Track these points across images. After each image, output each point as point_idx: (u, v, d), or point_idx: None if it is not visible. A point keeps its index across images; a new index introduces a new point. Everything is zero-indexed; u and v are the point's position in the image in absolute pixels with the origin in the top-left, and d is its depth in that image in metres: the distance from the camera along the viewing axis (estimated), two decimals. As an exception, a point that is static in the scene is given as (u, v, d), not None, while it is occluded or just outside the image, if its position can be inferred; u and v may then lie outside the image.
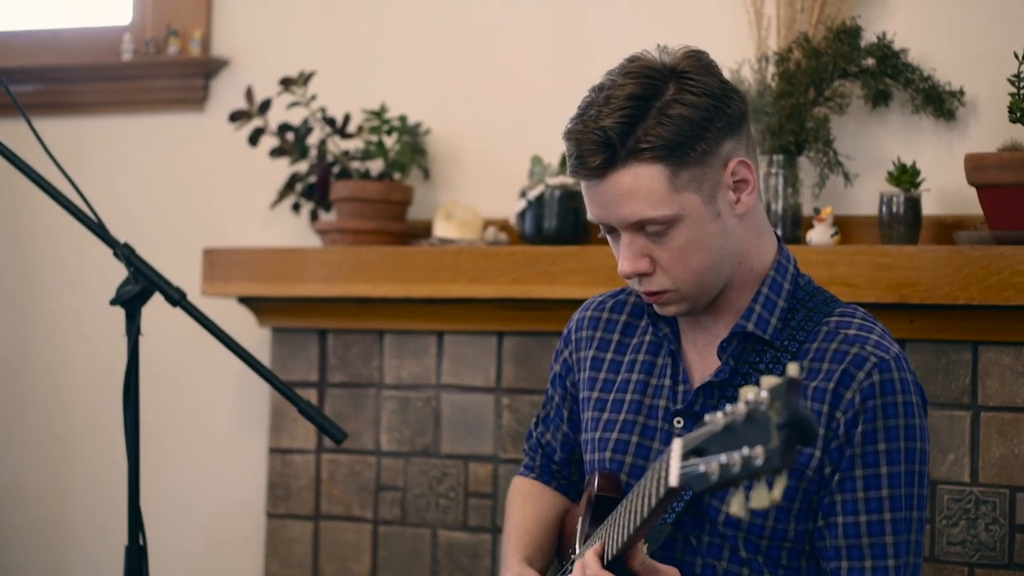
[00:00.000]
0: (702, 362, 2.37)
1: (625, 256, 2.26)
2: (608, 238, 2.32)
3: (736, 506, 1.65)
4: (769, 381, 1.61)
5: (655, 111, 2.19)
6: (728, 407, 1.68)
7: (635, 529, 2.00)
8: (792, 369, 1.61)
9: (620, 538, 2.07)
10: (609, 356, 2.49)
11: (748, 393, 1.63)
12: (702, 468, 1.71)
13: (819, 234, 3.21)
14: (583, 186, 2.27)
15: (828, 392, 2.24)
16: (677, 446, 1.79)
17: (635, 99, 2.19)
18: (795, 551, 2.28)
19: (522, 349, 3.56)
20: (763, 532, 2.26)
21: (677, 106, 2.19)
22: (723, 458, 1.66)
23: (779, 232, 3.26)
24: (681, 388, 2.36)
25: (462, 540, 3.63)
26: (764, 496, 1.62)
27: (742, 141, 2.27)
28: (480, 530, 3.60)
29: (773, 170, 3.30)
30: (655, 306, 2.32)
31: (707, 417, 1.76)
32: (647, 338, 2.45)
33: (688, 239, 2.23)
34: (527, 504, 2.64)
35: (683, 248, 2.23)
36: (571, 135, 2.24)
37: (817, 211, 3.27)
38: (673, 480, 1.79)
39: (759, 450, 1.60)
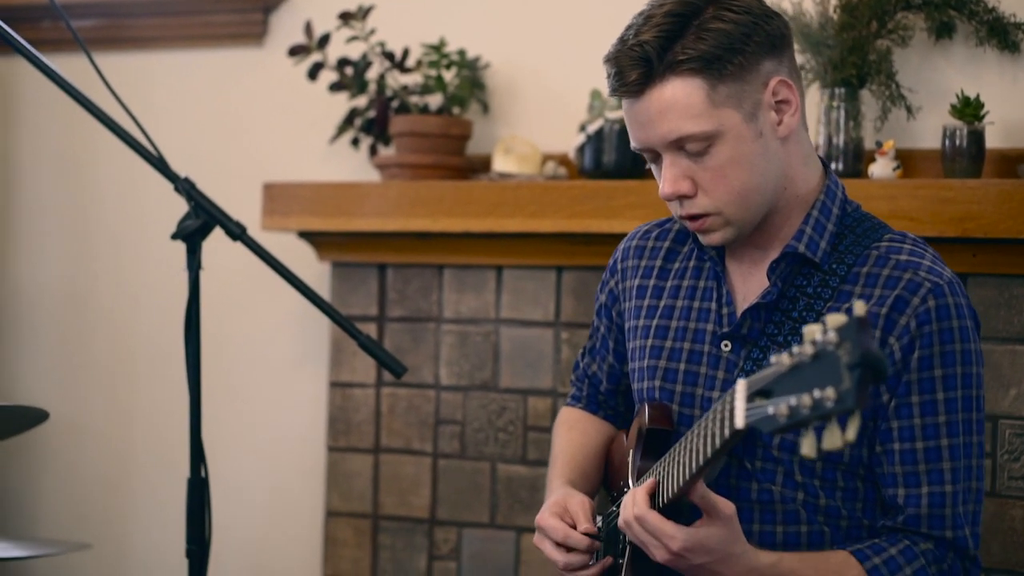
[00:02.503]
0: (746, 285, 2.36)
1: (666, 178, 2.26)
2: (652, 168, 2.32)
3: (807, 447, 1.65)
4: (835, 320, 1.59)
5: (694, 28, 2.20)
6: (795, 348, 1.66)
7: (697, 468, 2.00)
8: (859, 308, 1.60)
9: (681, 477, 2.07)
10: (653, 283, 2.49)
11: (814, 333, 1.62)
12: (770, 410, 1.70)
13: (881, 168, 3.19)
14: (624, 109, 2.29)
15: (881, 317, 2.23)
16: (741, 387, 1.78)
17: (674, 16, 2.21)
18: (850, 473, 2.28)
19: (581, 283, 3.56)
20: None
21: (715, 22, 2.20)
22: (792, 400, 1.65)
23: (840, 166, 3.25)
24: (726, 311, 2.36)
25: (521, 474, 3.64)
26: (837, 437, 1.61)
27: (784, 63, 2.27)
28: (539, 464, 3.61)
29: (835, 103, 3.27)
30: (700, 236, 2.31)
31: (772, 358, 1.75)
32: (690, 263, 2.45)
33: (729, 157, 2.22)
34: (572, 432, 2.65)
35: (724, 167, 2.22)
36: (610, 56, 2.28)
37: (879, 145, 3.24)
38: (739, 422, 1.79)
39: (830, 391, 1.59)
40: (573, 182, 3.52)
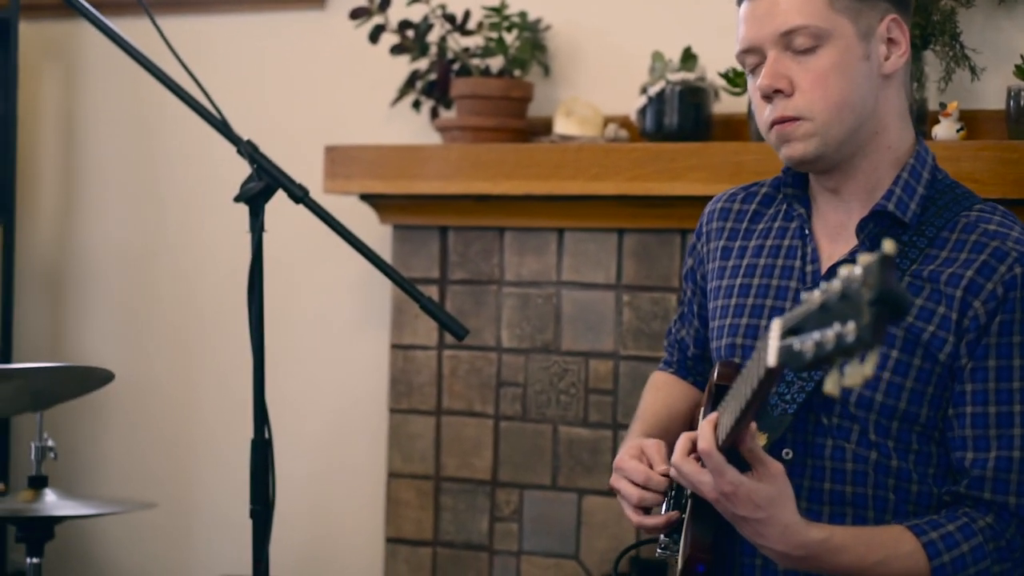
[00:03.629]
0: (832, 244, 2.36)
1: (766, 72, 2.27)
2: (749, 82, 2.33)
3: (831, 384, 1.64)
4: (865, 258, 1.59)
5: None
6: (824, 284, 1.67)
7: (740, 412, 1.99)
8: (887, 246, 1.59)
9: (728, 423, 2.07)
10: (737, 244, 2.49)
11: (844, 270, 1.62)
12: (797, 346, 1.70)
13: (945, 129, 3.17)
14: (743, 10, 2.32)
15: (964, 279, 2.23)
16: (776, 326, 1.77)
17: None
18: (925, 435, 2.27)
19: (642, 246, 3.56)
20: (894, 414, 2.25)
21: None
22: (817, 335, 1.65)
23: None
24: (810, 268, 2.36)
25: (582, 436, 3.65)
26: (857, 372, 1.61)
27: (903, 9, 2.32)
28: (600, 426, 3.61)
29: (898, 65, 3.25)
30: (783, 148, 2.31)
31: (803, 295, 1.75)
32: (776, 224, 2.45)
33: (833, 63, 2.25)
34: (659, 392, 2.66)
35: (827, 71, 2.25)
36: None
37: (943, 106, 3.22)
38: (771, 360, 1.78)
39: (851, 326, 1.59)
40: (635, 144, 3.51)
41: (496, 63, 3.77)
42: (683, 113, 3.47)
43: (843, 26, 2.24)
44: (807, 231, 2.39)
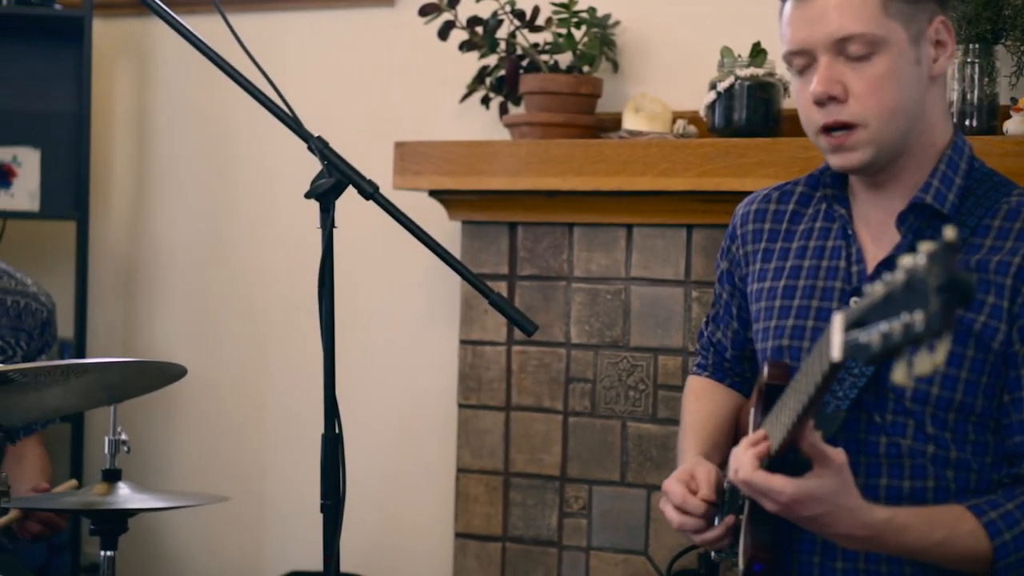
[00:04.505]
0: (875, 242, 2.36)
1: (820, 77, 2.26)
2: (796, 84, 2.32)
3: (900, 374, 1.64)
4: (927, 246, 1.59)
5: None
6: (887, 276, 1.66)
7: (803, 409, 1.99)
8: (948, 232, 1.59)
9: (788, 420, 2.06)
10: (778, 245, 2.49)
11: (906, 260, 1.62)
12: (863, 339, 1.69)
13: (1016, 124, 3.15)
14: (789, 10, 2.31)
15: (1013, 266, 2.23)
16: (838, 320, 1.77)
17: None
18: (981, 425, 2.27)
19: (712, 242, 3.55)
20: (950, 406, 2.25)
21: None
22: (883, 326, 1.64)
23: (974, 122, 3.21)
24: (855, 268, 2.36)
25: (651, 432, 3.64)
26: (927, 361, 1.60)
27: (948, 9, 2.32)
28: (669, 422, 3.61)
29: (969, 59, 3.23)
30: (835, 157, 2.31)
31: (865, 288, 1.75)
32: (817, 224, 2.45)
33: (887, 69, 2.24)
34: (701, 402, 2.66)
35: (881, 78, 2.24)
36: None
37: (1014, 101, 3.19)
38: (835, 353, 1.77)
39: (919, 315, 1.58)
40: (703, 140, 3.51)
41: (565, 59, 3.78)
42: (752, 108, 3.46)
43: (896, 32, 2.24)
44: (850, 231, 2.39)
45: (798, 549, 2.33)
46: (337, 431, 2.47)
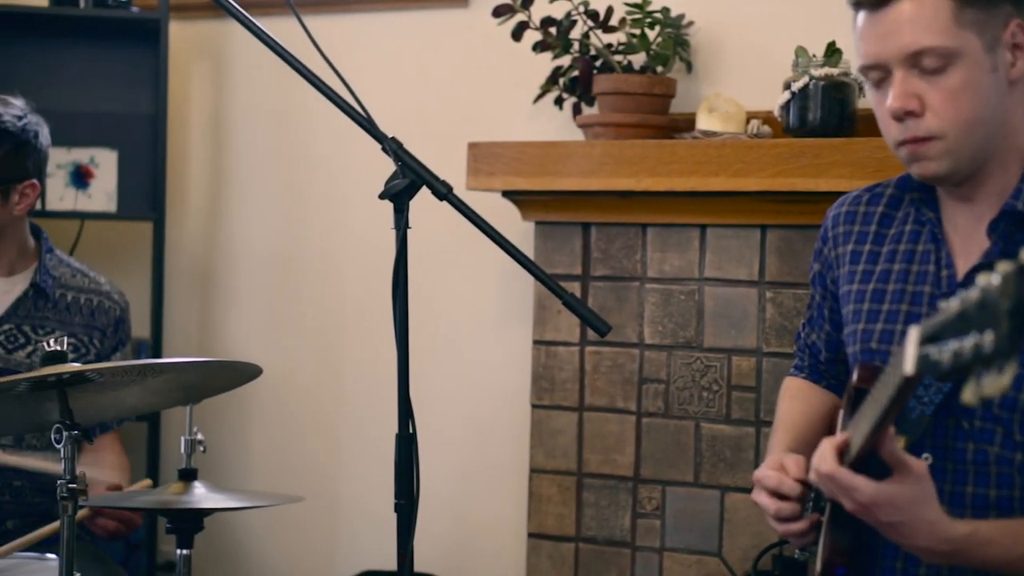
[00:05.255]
0: (964, 246, 2.34)
1: (896, 93, 2.24)
2: (872, 95, 2.30)
3: (969, 393, 1.62)
4: (1003, 266, 1.57)
5: None
6: (961, 292, 1.65)
7: (878, 419, 1.98)
8: None
9: (866, 428, 2.05)
10: (867, 248, 2.47)
11: (982, 278, 1.60)
12: (935, 355, 1.68)
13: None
14: (861, 22, 2.28)
15: None
16: (914, 333, 1.76)
17: None
18: None
19: (786, 242, 3.53)
20: None
21: None
22: (955, 344, 1.63)
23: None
24: (945, 273, 2.33)
25: (725, 433, 3.63)
26: (995, 383, 1.59)
27: (1022, 10, 2.26)
28: (743, 423, 3.60)
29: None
30: (914, 167, 2.29)
31: (940, 304, 1.73)
32: (907, 227, 2.43)
33: (963, 80, 2.21)
34: (794, 401, 2.64)
35: (957, 90, 2.21)
36: None
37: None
38: (908, 368, 1.76)
39: (989, 336, 1.56)
40: (778, 140, 3.49)
41: (638, 59, 3.77)
42: (827, 108, 3.44)
43: (970, 42, 2.20)
44: (939, 235, 2.36)
45: (881, 554, 2.31)
46: (411, 431, 2.48)
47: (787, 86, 3.50)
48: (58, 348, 2.53)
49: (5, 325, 3.52)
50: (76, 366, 2.50)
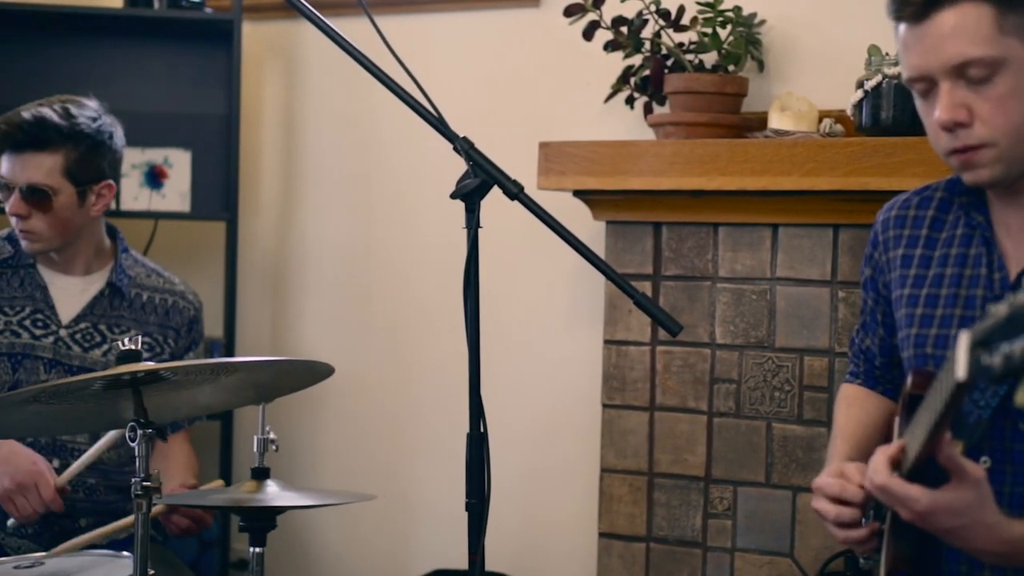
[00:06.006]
0: (1017, 249, 2.32)
1: (944, 105, 2.22)
2: (920, 105, 2.29)
3: (1022, 395, 1.62)
4: None
5: None
6: (1011, 296, 1.64)
7: (933, 425, 1.97)
8: None
9: (922, 435, 2.04)
10: (919, 252, 2.45)
11: None
12: (986, 360, 1.67)
13: None
14: (903, 34, 2.26)
15: None
16: (964, 339, 1.75)
17: None
18: None
19: (859, 242, 3.51)
20: None
21: None
22: (1005, 348, 1.62)
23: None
24: (997, 276, 2.32)
25: (797, 433, 3.62)
26: None
27: None
28: (815, 423, 3.58)
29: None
30: (966, 174, 2.27)
31: (990, 308, 1.72)
32: (958, 231, 2.41)
33: (1011, 87, 2.19)
34: (851, 409, 2.63)
35: (1005, 97, 2.19)
36: None
37: None
38: (960, 374, 1.76)
39: None
40: (850, 139, 3.47)
41: (710, 58, 3.76)
42: (900, 107, 3.42)
43: (1015, 48, 2.18)
44: (990, 238, 2.34)
45: (945, 559, 2.30)
46: (482, 430, 2.48)
47: (860, 84, 3.48)
48: (133, 347, 2.55)
49: (81, 324, 3.55)
50: (151, 365, 2.52)
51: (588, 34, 3.81)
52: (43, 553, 3.06)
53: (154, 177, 4.43)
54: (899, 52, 2.29)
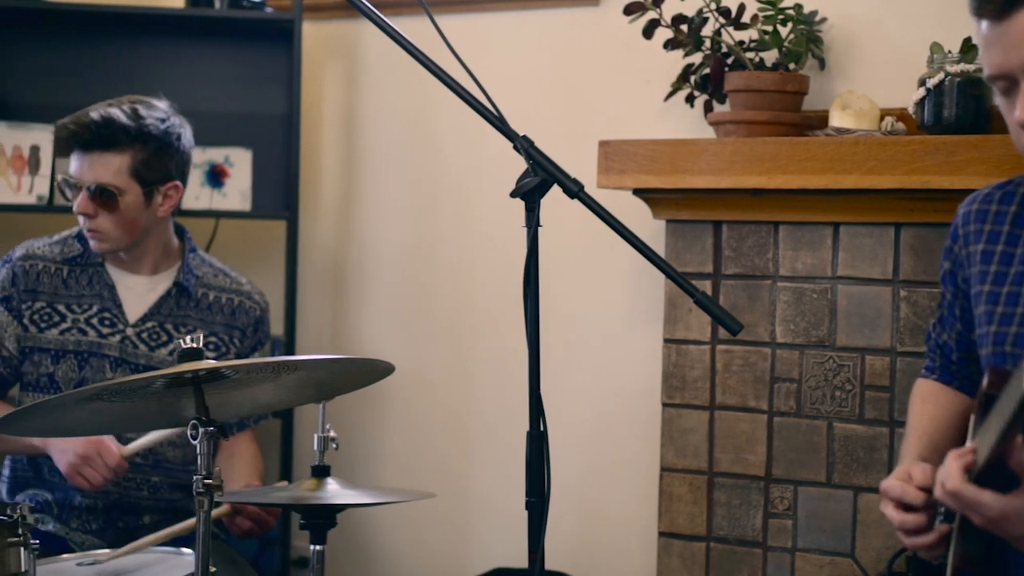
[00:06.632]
0: None
1: (1023, 103, 2.19)
2: (1001, 102, 2.26)
3: None
4: None
5: None
6: None
7: (1003, 429, 1.96)
8: None
9: (992, 438, 2.03)
10: (1000, 248, 2.43)
11: None
12: None
13: None
14: (984, 31, 2.24)
15: None
16: None
17: None
18: None
19: (921, 240, 3.50)
20: None
21: None
22: None
23: None
24: None
25: (858, 432, 3.60)
26: None
27: None
28: (876, 423, 3.56)
29: None
30: None
31: None
32: None
33: None
34: (926, 405, 2.61)
35: None
36: None
37: None
38: None
39: None
40: (912, 137, 3.45)
41: (770, 56, 3.75)
42: (962, 105, 3.40)
43: None
44: None
45: (1014, 563, 2.28)
46: (542, 429, 2.48)
47: (922, 83, 3.46)
48: (194, 345, 2.56)
49: (148, 323, 3.58)
50: (211, 363, 2.53)
51: (648, 32, 3.80)
52: (107, 551, 3.08)
53: (215, 176, 4.46)
54: (980, 49, 2.27)
